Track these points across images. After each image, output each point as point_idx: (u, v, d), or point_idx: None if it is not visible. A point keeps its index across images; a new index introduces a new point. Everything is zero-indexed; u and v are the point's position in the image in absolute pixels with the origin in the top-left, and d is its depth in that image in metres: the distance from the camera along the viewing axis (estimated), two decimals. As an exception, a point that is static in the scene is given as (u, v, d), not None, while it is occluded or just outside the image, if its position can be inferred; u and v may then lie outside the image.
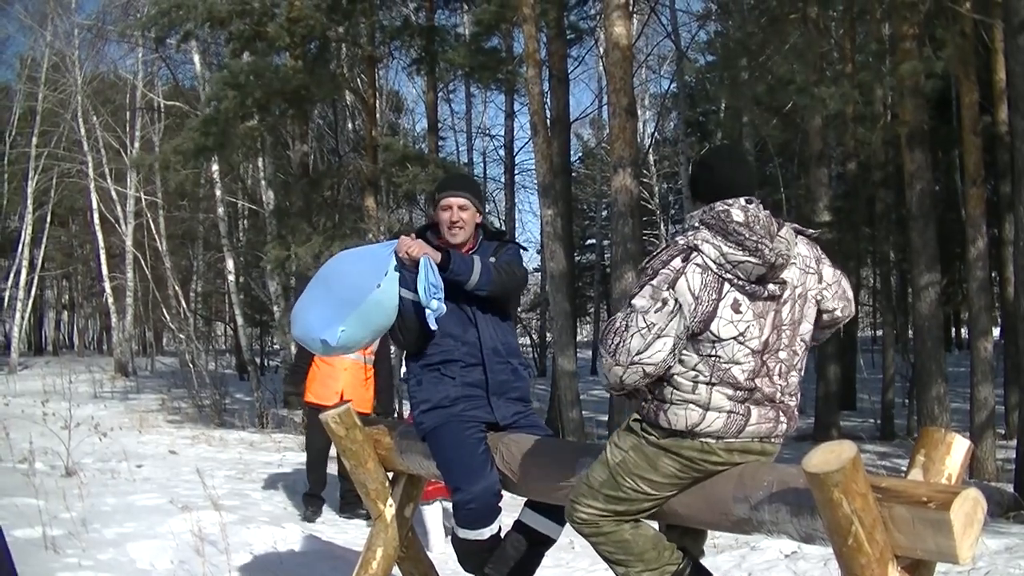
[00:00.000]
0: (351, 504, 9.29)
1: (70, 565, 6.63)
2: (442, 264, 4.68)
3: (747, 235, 3.62)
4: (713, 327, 3.61)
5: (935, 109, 16.61)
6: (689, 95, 31.31)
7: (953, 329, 37.46)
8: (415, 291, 4.66)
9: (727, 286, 3.62)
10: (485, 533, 4.69)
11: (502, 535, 4.79)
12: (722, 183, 3.75)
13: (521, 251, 5.12)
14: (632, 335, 3.62)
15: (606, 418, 18.49)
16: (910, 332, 25.03)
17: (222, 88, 15.47)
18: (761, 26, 15.36)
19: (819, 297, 3.87)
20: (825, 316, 3.91)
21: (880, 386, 19.77)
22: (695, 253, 3.64)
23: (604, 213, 40.14)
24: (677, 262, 3.64)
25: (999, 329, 22.04)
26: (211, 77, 20.91)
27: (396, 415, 11.57)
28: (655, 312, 3.60)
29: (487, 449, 4.73)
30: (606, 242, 42.52)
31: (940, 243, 13.88)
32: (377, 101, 20.36)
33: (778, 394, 3.75)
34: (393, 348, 9.63)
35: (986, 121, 15.02)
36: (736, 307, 3.62)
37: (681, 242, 3.70)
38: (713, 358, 3.65)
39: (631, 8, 15.08)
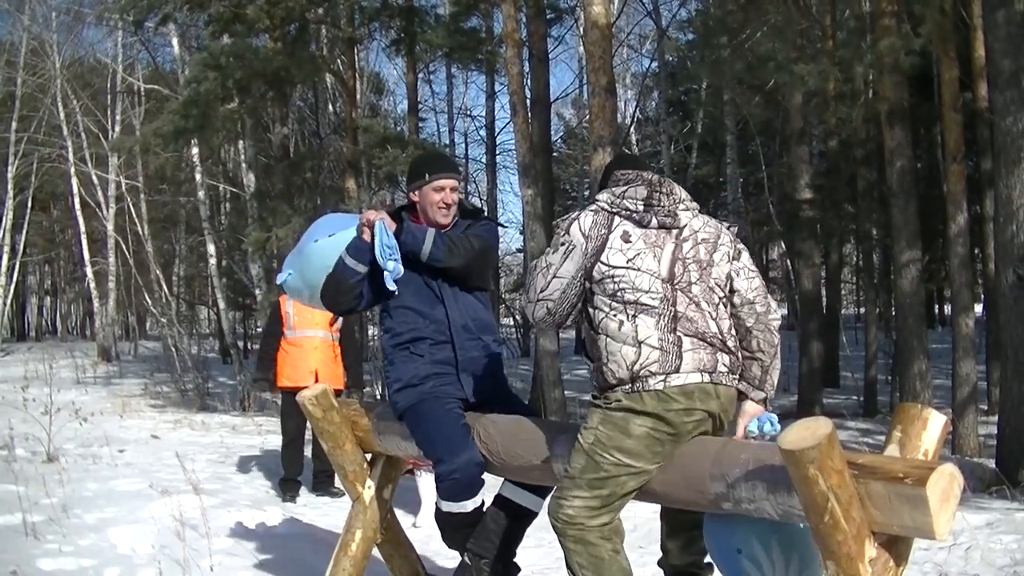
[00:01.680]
0: (323, 483, 9.36)
1: (50, 551, 6.61)
2: (395, 233, 4.79)
3: (630, 173, 4.09)
4: (603, 257, 3.90)
5: (916, 86, 16.60)
6: (670, 74, 31.29)
7: (936, 306, 37.52)
8: (367, 261, 4.80)
9: (617, 219, 3.96)
10: (468, 506, 4.66)
11: (484, 509, 4.78)
12: (621, 168, 4.17)
13: (494, 227, 5.14)
14: (536, 275, 4.06)
15: (588, 397, 18.52)
16: (892, 309, 25.19)
17: (202, 70, 15.38)
18: (741, 4, 15.31)
19: (733, 265, 4.00)
20: (736, 299, 4.00)
21: (861, 363, 19.82)
22: (591, 204, 4.09)
23: (586, 193, 40.07)
24: (574, 214, 4.07)
25: (981, 305, 22.11)
26: (191, 59, 20.78)
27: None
28: (552, 254, 4.02)
29: (466, 423, 4.73)
30: (588, 222, 42.50)
31: (922, 220, 13.89)
32: (357, 83, 20.30)
33: (712, 325, 3.89)
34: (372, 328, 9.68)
35: (966, 98, 15.02)
36: (626, 237, 3.93)
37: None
38: (619, 292, 3.86)
39: (611, -14, 15.01)
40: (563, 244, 3.98)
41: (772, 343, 4.03)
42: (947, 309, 36.37)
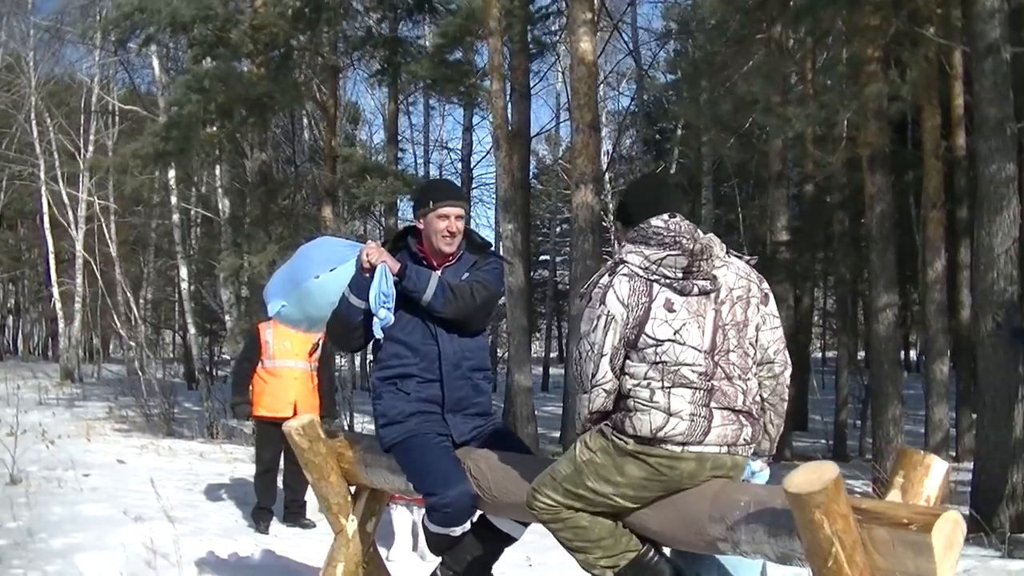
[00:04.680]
0: (294, 514, 9.29)
1: (16, 576, 6.48)
2: (398, 275, 4.71)
3: (664, 234, 3.80)
4: (648, 329, 3.71)
5: (892, 133, 16.73)
6: (647, 113, 31.42)
7: (902, 351, 37.78)
8: (367, 298, 4.70)
9: (656, 287, 3.74)
10: (457, 531, 4.66)
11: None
12: (646, 205, 3.92)
13: (500, 267, 5.03)
14: (585, 361, 3.83)
15: (558, 434, 18.49)
16: (860, 353, 25.29)
17: (185, 92, 15.28)
18: (726, 45, 15.40)
19: (761, 310, 3.90)
20: (758, 354, 3.91)
21: (830, 407, 19.89)
22: (621, 265, 3.80)
23: (558, 229, 40.17)
24: (605, 279, 3.82)
25: (949, 352, 22.26)
26: (174, 81, 20.66)
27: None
28: (592, 333, 3.79)
29: (456, 458, 4.68)
30: (559, 258, 42.56)
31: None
32: (337, 111, 20.24)
33: (740, 397, 3.78)
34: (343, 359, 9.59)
35: (943, 146, 15.14)
36: (669, 306, 3.72)
37: (610, 262, 3.87)
38: (660, 364, 3.71)
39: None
40: (600, 317, 3.78)
41: (782, 414, 4.02)
42: (912, 354, 36.67)
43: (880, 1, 12.10)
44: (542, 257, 43.88)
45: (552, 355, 47.38)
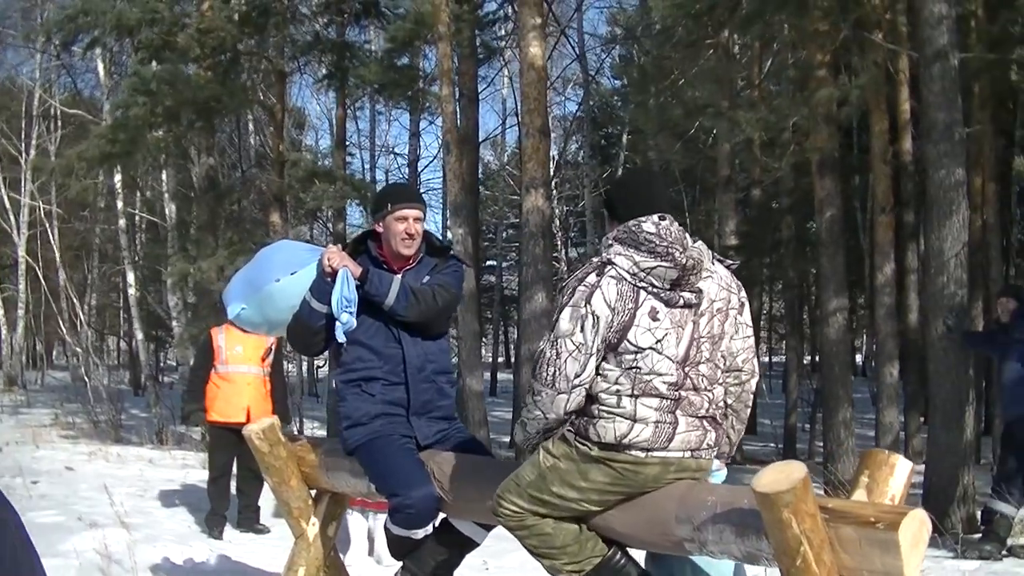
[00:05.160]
0: (248, 519, 9.21)
1: (-33, 585, 6.34)
2: (359, 280, 4.70)
3: (657, 242, 3.70)
4: (631, 336, 3.66)
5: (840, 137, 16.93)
6: (593, 118, 31.55)
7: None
8: (329, 303, 4.70)
9: (643, 294, 3.67)
10: (419, 534, 4.65)
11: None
12: (636, 202, 3.84)
13: (460, 271, 5.01)
14: (566, 360, 3.69)
15: (508, 439, 18.47)
16: (807, 358, 25.52)
17: (132, 94, 15.07)
18: (674, 50, 15.48)
19: (736, 319, 3.92)
20: (728, 361, 3.93)
21: (779, 410, 20.05)
22: (609, 266, 3.71)
23: (504, 234, 40.17)
24: (592, 278, 3.70)
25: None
26: (122, 83, 20.38)
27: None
28: (580, 331, 3.66)
29: (420, 460, 4.67)
30: (505, 264, 42.56)
31: (840, 270, 14.10)
32: (284, 116, 20.10)
33: (706, 405, 3.78)
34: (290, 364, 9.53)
35: (889, 151, 15.31)
36: (653, 315, 3.67)
37: (596, 260, 3.79)
38: (634, 370, 3.68)
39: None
40: (585, 317, 3.67)
41: (744, 420, 4.09)
42: (859, 359, 37.06)
43: (828, 7, 12.23)
44: (489, 262, 43.80)
45: (499, 359, 47.35)
